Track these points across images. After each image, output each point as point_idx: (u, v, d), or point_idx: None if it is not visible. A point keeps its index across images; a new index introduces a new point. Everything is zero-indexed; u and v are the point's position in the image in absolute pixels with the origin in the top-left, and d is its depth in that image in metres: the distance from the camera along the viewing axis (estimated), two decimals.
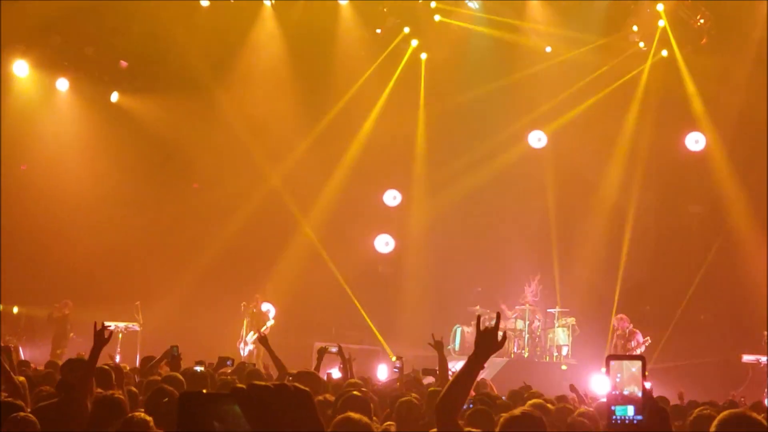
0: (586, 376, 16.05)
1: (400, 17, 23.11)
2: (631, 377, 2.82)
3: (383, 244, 24.50)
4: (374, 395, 8.86)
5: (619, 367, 2.85)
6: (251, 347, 20.02)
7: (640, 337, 18.48)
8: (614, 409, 2.83)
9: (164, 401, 6.13)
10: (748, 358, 18.65)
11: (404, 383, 10.18)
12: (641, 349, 18.16)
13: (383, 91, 23.66)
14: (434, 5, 23.00)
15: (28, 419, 5.64)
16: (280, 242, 23.31)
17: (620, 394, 2.82)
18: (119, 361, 15.65)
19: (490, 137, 23.70)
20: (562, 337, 20.54)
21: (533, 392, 9.70)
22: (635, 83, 22.81)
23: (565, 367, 19.75)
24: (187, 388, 7.56)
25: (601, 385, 10.44)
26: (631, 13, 22.51)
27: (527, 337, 20.63)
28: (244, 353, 19.73)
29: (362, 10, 22.90)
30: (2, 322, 18.85)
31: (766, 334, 18.71)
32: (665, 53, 22.45)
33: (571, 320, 20.56)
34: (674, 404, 9.86)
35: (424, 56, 23.79)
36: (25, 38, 20.70)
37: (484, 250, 23.43)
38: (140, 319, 19.76)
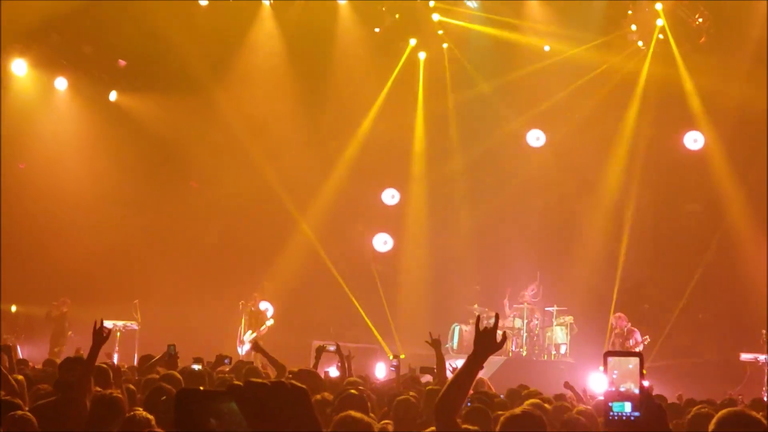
0: (584, 374, 16.06)
1: (398, 16, 23.10)
2: (627, 374, 2.82)
3: (381, 242, 24.51)
4: (372, 393, 8.87)
5: (616, 363, 2.85)
6: (248, 346, 20.01)
7: (638, 336, 18.47)
8: (611, 405, 2.83)
9: (162, 399, 6.14)
10: (746, 356, 18.63)
11: (402, 382, 10.18)
12: (639, 348, 18.15)
13: (382, 90, 23.66)
14: (433, 4, 22.99)
15: (26, 418, 5.63)
16: (278, 241, 23.31)
17: (617, 390, 2.82)
18: (117, 359, 15.68)
19: (488, 136, 23.73)
20: (560, 335, 20.55)
21: (531, 391, 9.70)
22: (634, 82, 22.80)
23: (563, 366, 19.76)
24: (184, 386, 7.56)
25: (599, 383, 10.44)
26: (629, 11, 22.52)
27: (525, 335, 20.63)
28: (242, 352, 19.72)
29: (361, 9, 22.89)
30: (0, 320, 18.86)
31: (764, 332, 18.70)
32: (664, 52, 22.44)
33: (569, 319, 20.56)
34: (672, 402, 9.87)
35: (422, 55, 23.80)
36: (23, 37, 20.66)
37: (482, 248, 23.44)
38: (138, 317, 19.77)
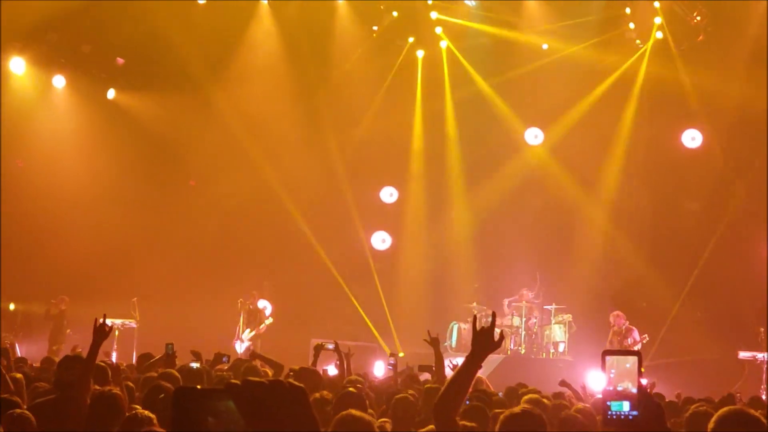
0: (582, 372, 16.07)
1: (397, 15, 23.08)
2: (624, 373, 2.81)
3: (380, 241, 24.51)
4: (371, 392, 8.88)
5: (613, 362, 2.85)
6: (248, 344, 20.02)
7: (636, 334, 18.45)
8: (609, 404, 2.82)
9: (160, 397, 6.14)
10: (744, 354, 18.64)
11: (401, 380, 10.19)
12: (638, 346, 18.13)
13: (380, 88, 23.66)
14: (431, 2, 23.00)
15: (24, 416, 5.63)
16: (276, 239, 23.31)
17: (614, 389, 2.81)
18: (116, 357, 15.67)
19: (486, 134, 23.72)
20: (558, 333, 20.55)
21: (530, 389, 9.71)
22: (632, 80, 22.79)
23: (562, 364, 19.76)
24: (183, 384, 7.56)
25: (598, 380, 10.44)
26: (627, 10, 22.50)
27: (524, 334, 20.63)
28: (240, 350, 19.73)
29: (359, 7, 22.88)
30: None
31: (762, 330, 18.74)
32: (662, 50, 22.44)
33: (567, 317, 20.56)
34: (670, 400, 9.87)
35: (420, 54, 23.78)
36: (21, 35, 20.64)
37: (480, 246, 23.43)
38: (137, 315, 19.77)
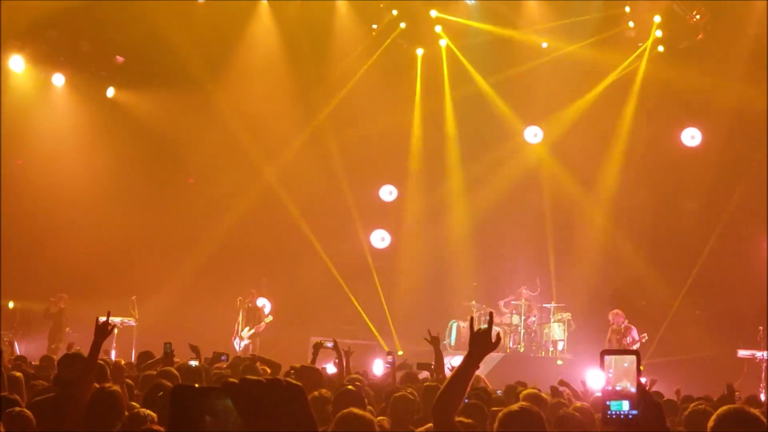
0: (581, 371, 16.06)
1: (396, 13, 23.07)
2: (623, 372, 2.80)
3: (379, 239, 24.51)
4: (370, 389, 8.89)
5: (612, 362, 2.84)
6: (246, 342, 20.02)
7: (635, 333, 18.46)
8: (609, 404, 2.82)
9: (159, 395, 6.14)
10: (743, 353, 18.64)
11: (400, 378, 10.20)
12: (636, 345, 18.13)
13: (379, 86, 23.63)
14: (431, 0, 22.99)
15: (23, 414, 5.63)
16: (275, 237, 23.31)
17: (613, 389, 2.81)
18: (115, 355, 15.66)
19: (486, 132, 23.72)
20: (557, 332, 20.56)
21: (529, 388, 9.71)
22: (631, 79, 22.79)
23: (560, 362, 19.78)
24: (181, 382, 7.57)
25: (596, 379, 10.44)
26: (627, 8, 22.49)
27: (523, 332, 20.64)
28: (239, 348, 19.73)
29: (358, 6, 22.88)
30: None
31: (761, 328, 18.73)
32: (661, 49, 22.44)
33: (566, 315, 20.58)
34: (668, 399, 9.87)
35: (420, 52, 23.78)
36: (21, 33, 20.62)
37: (479, 245, 23.44)
38: (136, 314, 19.76)
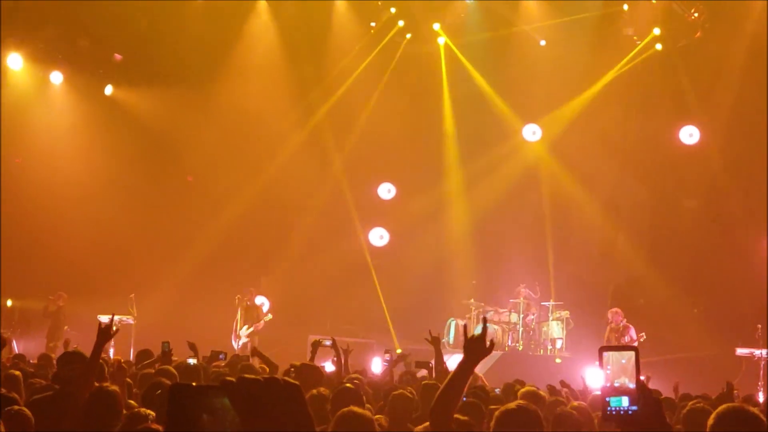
0: (580, 369, 16.06)
1: (395, 11, 23.06)
2: (621, 369, 2.81)
3: (377, 237, 24.52)
4: (369, 388, 8.90)
5: (610, 358, 2.85)
6: (245, 340, 20.01)
7: (633, 333, 18.45)
8: (608, 400, 2.83)
9: (157, 394, 6.14)
10: (742, 351, 18.65)
11: (399, 377, 10.21)
12: (634, 345, 18.12)
13: (378, 84, 23.64)
14: None
15: (22, 413, 5.63)
16: (274, 235, 23.31)
17: (612, 385, 2.82)
18: (113, 353, 15.65)
19: (484, 130, 23.71)
20: (556, 330, 20.55)
21: (527, 386, 9.72)
22: (629, 77, 22.77)
23: (559, 360, 19.78)
24: (180, 380, 7.57)
25: (595, 377, 10.45)
26: (625, 6, 22.48)
27: (521, 330, 20.64)
28: (237, 346, 19.71)
29: (357, 4, 22.89)
30: None
31: (760, 327, 18.73)
32: (659, 47, 22.43)
33: (565, 313, 20.56)
34: (666, 397, 9.87)
35: (418, 50, 23.76)
36: (19, 31, 20.62)
37: (478, 243, 23.44)
38: (134, 312, 19.74)
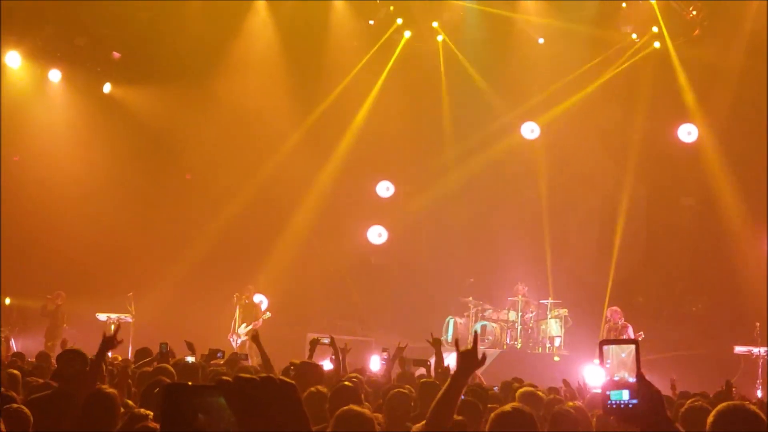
0: (578, 367, 16.07)
1: (393, 8, 23.04)
2: (620, 363, 2.83)
3: (376, 235, 24.50)
4: (368, 386, 8.90)
5: (610, 352, 2.87)
6: (243, 338, 19.99)
7: (631, 332, 18.44)
8: (609, 394, 2.84)
9: (155, 392, 6.14)
10: (740, 349, 18.67)
11: (397, 377, 10.23)
12: None
13: (376, 82, 23.63)
14: None
15: (21, 411, 5.62)
16: (272, 233, 23.29)
17: (612, 379, 2.83)
18: (112, 352, 15.62)
19: (482, 128, 23.69)
20: (554, 328, 20.54)
21: (525, 384, 9.73)
22: (628, 75, 22.77)
23: (557, 358, 19.78)
24: (177, 379, 7.58)
25: (593, 375, 10.47)
26: (623, 4, 22.48)
27: (520, 328, 20.63)
28: (235, 344, 19.70)
29: (355, 2, 22.87)
30: None
31: (758, 325, 18.75)
32: (658, 45, 22.42)
33: (563, 311, 20.56)
34: (664, 395, 9.87)
35: (416, 47, 23.74)
36: (17, 29, 20.60)
37: (476, 241, 23.45)
38: (133, 310, 19.74)
